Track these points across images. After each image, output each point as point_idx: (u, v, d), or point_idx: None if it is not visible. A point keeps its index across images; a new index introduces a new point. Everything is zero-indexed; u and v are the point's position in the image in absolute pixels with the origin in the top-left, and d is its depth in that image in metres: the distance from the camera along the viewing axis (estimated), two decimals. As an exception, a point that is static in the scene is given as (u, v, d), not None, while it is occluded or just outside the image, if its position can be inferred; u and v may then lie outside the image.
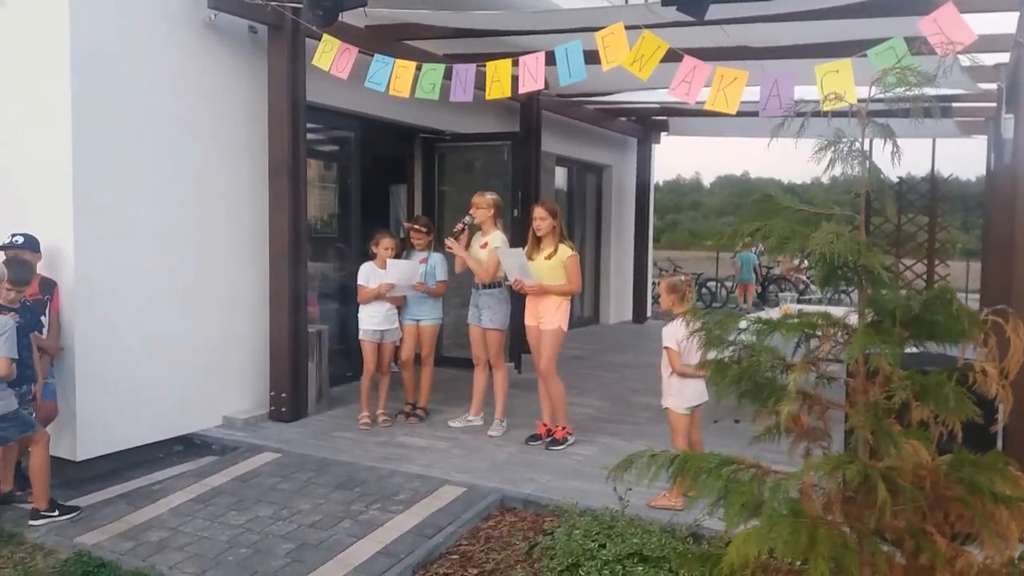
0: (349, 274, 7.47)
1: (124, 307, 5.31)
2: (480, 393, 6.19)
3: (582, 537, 3.81)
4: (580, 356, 9.37)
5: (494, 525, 4.44)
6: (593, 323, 12.37)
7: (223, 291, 6.00)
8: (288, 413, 6.14)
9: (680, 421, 4.57)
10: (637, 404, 6.98)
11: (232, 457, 5.43)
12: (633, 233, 12.90)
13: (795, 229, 2.34)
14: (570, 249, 5.58)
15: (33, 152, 5.16)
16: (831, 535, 2.20)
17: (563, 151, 10.89)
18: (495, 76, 5.10)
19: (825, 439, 2.61)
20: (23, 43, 5.16)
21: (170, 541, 4.18)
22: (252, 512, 4.53)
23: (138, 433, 5.46)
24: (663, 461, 2.52)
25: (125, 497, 4.80)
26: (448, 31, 6.83)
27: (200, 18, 5.69)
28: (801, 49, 6.44)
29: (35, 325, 4.67)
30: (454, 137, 8.62)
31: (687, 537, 3.97)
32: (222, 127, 5.94)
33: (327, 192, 7.66)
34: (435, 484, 4.87)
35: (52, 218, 5.05)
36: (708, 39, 6.02)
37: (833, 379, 2.60)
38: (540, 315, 5.61)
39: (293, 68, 6.00)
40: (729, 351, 2.57)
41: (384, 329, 6.13)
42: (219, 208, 5.95)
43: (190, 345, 5.77)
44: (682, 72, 4.59)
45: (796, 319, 2.54)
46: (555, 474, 5.04)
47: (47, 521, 4.40)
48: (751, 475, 2.49)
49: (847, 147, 2.42)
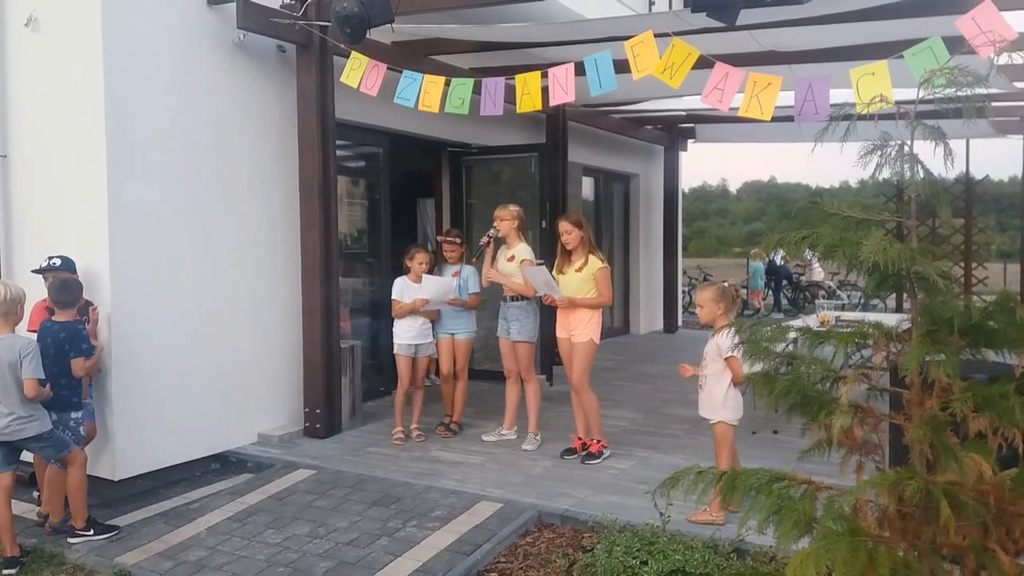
0: (379, 289, 7.49)
1: (159, 327, 5.34)
2: (513, 407, 6.14)
3: (623, 554, 3.74)
4: (611, 367, 9.29)
5: (532, 542, 4.38)
6: (623, 333, 12.28)
7: (256, 308, 6.03)
8: (322, 429, 6.13)
9: (729, 433, 4.47)
10: (671, 416, 6.89)
11: (268, 475, 5.43)
12: (662, 241, 12.81)
13: (843, 236, 2.27)
14: (600, 261, 5.52)
15: (69, 175, 5.22)
16: (892, 554, 2.12)
17: (590, 161, 10.86)
18: (525, 89, 5.08)
19: (878, 453, 2.53)
20: (57, 68, 5.23)
21: (208, 560, 4.17)
22: (289, 530, 4.51)
23: (175, 452, 5.49)
24: (711, 478, 2.44)
25: (163, 516, 4.81)
26: (475, 45, 6.84)
27: (229, 38, 5.74)
28: (833, 52, 6.35)
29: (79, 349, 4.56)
30: (481, 150, 8.62)
31: (730, 553, 3.88)
32: (252, 145, 5.98)
33: (356, 208, 7.68)
34: (471, 500, 4.83)
35: (88, 240, 5.09)
36: (737, 45, 5.96)
37: (885, 390, 2.52)
38: (572, 327, 5.55)
39: (322, 86, 6.03)
40: (775, 362, 2.50)
41: (419, 343, 6.12)
42: (251, 226, 5.98)
43: (224, 363, 5.79)
44: (714, 79, 4.53)
45: (845, 328, 2.46)
46: (592, 489, 4.97)
47: (84, 539, 4.42)
48: (803, 492, 2.41)
49: (894, 150, 2.36)
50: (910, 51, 4.10)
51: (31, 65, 5.35)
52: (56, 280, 4.60)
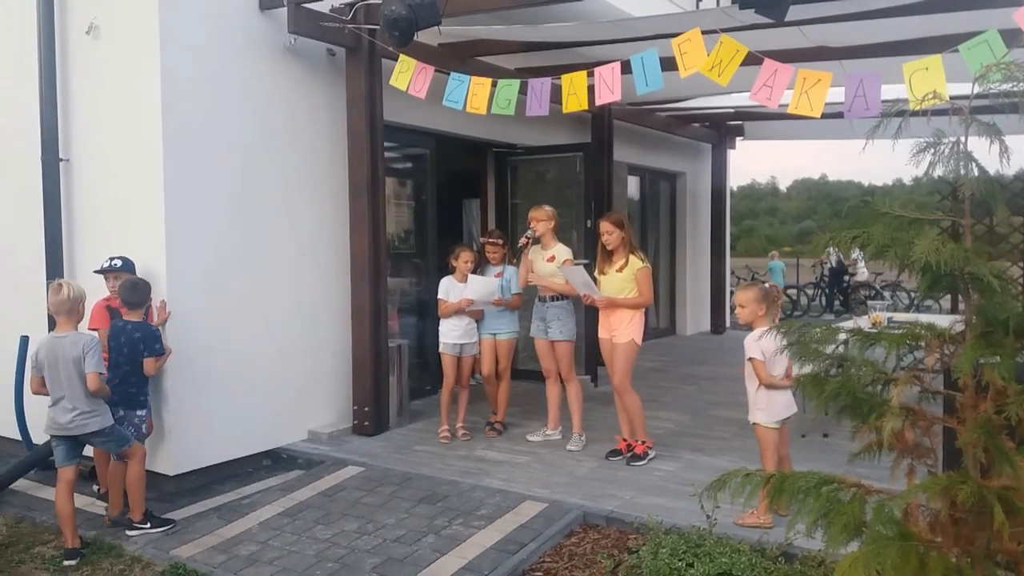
0: (426, 289, 7.56)
1: (214, 326, 5.48)
2: (555, 407, 6.15)
3: (669, 556, 3.72)
4: (657, 368, 9.23)
5: (577, 542, 4.39)
6: (669, 334, 12.18)
7: (306, 308, 6.14)
8: (371, 427, 6.22)
9: (769, 436, 4.42)
10: (718, 418, 6.82)
11: (318, 471, 5.53)
12: (709, 241, 12.67)
13: (895, 236, 2.23)
14: (641, 261, 5.49)
15: (128, 179, 5.38)
16: (943, 559, 2.08)
17: (635, 160, 10.79)
18: (571, 89, 5.08)
19: (931, 457, 2.48)
20: (117, 74, 5.39)
21: (260, 555, 4.27)
22: (338, 526, 4.59)
23: (228, 448, 5.62)
24: (758, 480, 2.42)
25: (217, 511, 4.93)
26: (520, 45, 6.86)
27: (281, 43, 5.86)
28: (885, 47, 6.22)
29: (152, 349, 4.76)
30: (526, 150, 8.64)
31: (778, 557, 3.83)
32: (302, 148, 6.10)
33: (403, 208, 7.77)
34: (516, 499, 4.85)
35: (146, 241, 5.25)
36: (786, 41, 5.88)
37: (938, 393, 2.47)
38: (613, 328, 5.53)
39: (370, 89, 6.11)
40: (825, 364, 2.47)
41: (464, 343, 6.18)
42: (301, 227, 6.09)
43: (276, 362, 5.92)
44: (763, 76, 4.47)
45: (896, 329, 2.42)
46: (638, 490, 4.95)
47: (141, 532, 4.56)
48: (852, 495, 2.38)
49: (948, 147, 2.31)
50: (965, 45, 4.00)
51: (92, 72, 5.53)
52: (127, 281, 4.80)
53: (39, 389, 4.40)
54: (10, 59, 5.94)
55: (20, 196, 5.90)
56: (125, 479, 4.66)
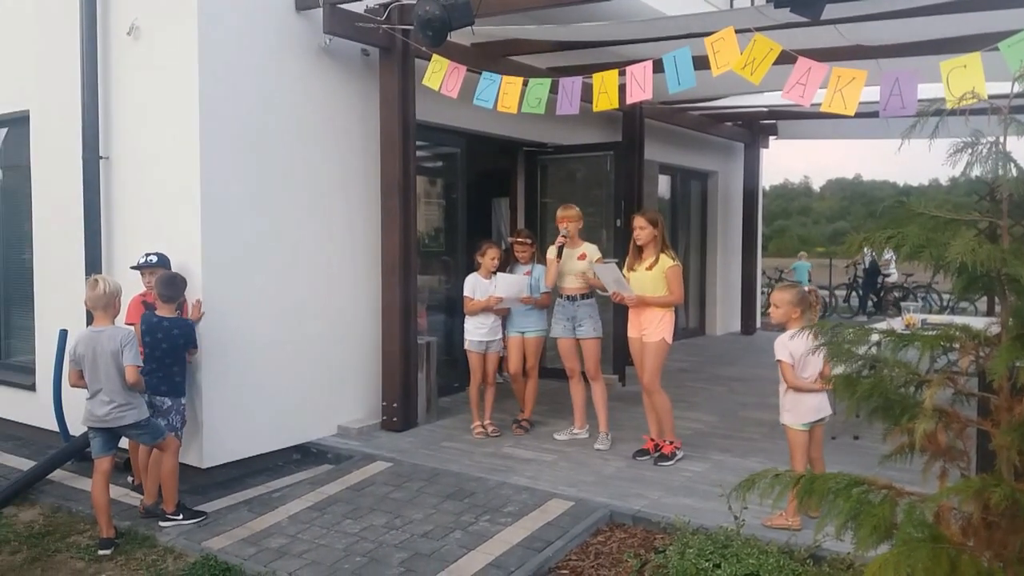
0: (455, 287, 7.60)
1: (246, 322, 5.56)
2: (580, 406, 6.16)
3: (695, 556, 3.71)
4: (686, 368, 9.18)
5: (604, 541, 4.38)
6: (699, 335, 12.10)
7: (337, 305, 6.21)
8: (399, 423, 6.27)
9: (798, 438, 4.38)
10: (748, 419, 6.77)
11: (346, 466, 5.59)
12: (740, 241, 12.57)
13: (930, 236, 2.20)
14: (671, 259, 5.46)
15: (165, 176, 5.47)
16: (975, 562, 2.05)
17: (666, 159, 10.74)
18: (602, 87, 5.07)
19: (964, 459, 2.44)
20: (156, 74, 5.49)
21: (289, 548, 4.32)
22: (366, 521, 4.63)
23: (259, 442, 5.70)
24: (788, 481, 2.40)
25: (247, 504, 5.01)
26: (553, 44, 6.86)
27: (316, 43, 5.92)
28: (921, 46, 6.12)
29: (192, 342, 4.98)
30: (556, 149, 8.64)
31: (806, 559, 3.80)
32: (335, 146, 6.16)
33: (433, 207, 7.81)
34: (542, 497, 4.86)
35: (181, 238, 5.34)
36: (821, 40, 5.81)
37: (972, 395, 2.44)
38: (643, 327, 5.51)
39: (403, 89, 6.16)
40: (857, 364, 2.44)
41: (489, 340, 6.20)
42: (333, 225, 6.16)
43: (306, 357, 5.99)
44: (796, 74, 4.43)
45: (930, 331, 2.39)
46: (665, 490, 4.94)
47: (174, 524, 4.65)
48: (882, 497, 2.35)
49: (986, 147, 2.27)
50: (1005, 42, 3.93)
51: (132, 71, 5.63)
52: (164, 276, 4.90)
53: (77, 382, 4.51)
54: (54, 60, 6.08)
55: (63, 193, 6.03)
56: (158, 474, 4.75)
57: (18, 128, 6.68)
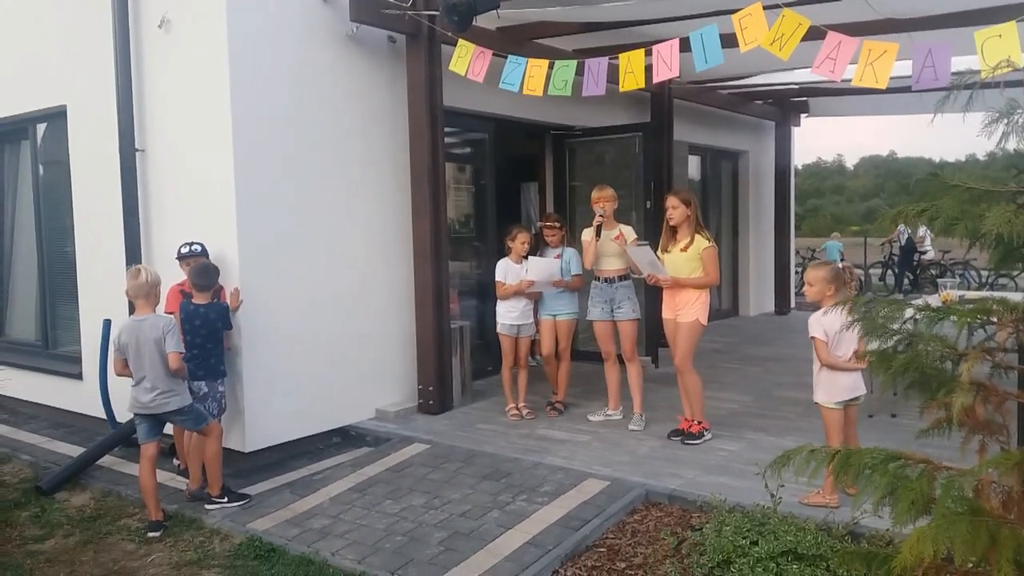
0: (486, 272, 7.64)
1: (285, 308, 5.66)
2: (615, 388, 6.18)
3: (732, 533, 3.73)
4: (720, 349, 9.15)
5: (640, 519, 4.42)
6: (732, 315, 12.04)
7: (372, 291, 6.29)
8: (435, 406, 6.36)
9: (832, 417, 4.37)
10: (783, 399, 6.74)
11: (385, 448, 5.68)
12: (773, 220, 12.44)
13: (965, 209, 2.18)
14: (706, 240, 5.44)
15: (199, 166, 5.58)
16: (1015, 534, 2.05)
17: (696, 139, 10.66)
18: (628, 68, 5.06)
19: (1003, 433, 2.44)
20: (188, 66, 5.59)
21: (331, 528, 4.42)
22: (406, 501, 4.72)
23: (300, 426, 5.82)
24: (823, 457, 2.42)
25: (290, 486, 5.12)
26: (578, 26, 6.83)
27: (343, 31, 5.97)
28: (954, 17, 6.00)
29: (228, 325, 5.14)
30: (584, 132, 8.61)
31: (844, 536, 3.80)
32: (364, 134, 6.21)
33: (463, 193, 7.85)
34: (578, 477, 4.91)
35: (217, 227, 5.45)
36: (852, 14, 5.73)
37: (1011, 368, 2.42)
38: (678, 308, 5.51)
39: (431, 75, 6.19)
40: (893, 340, 2.44)
41: (521, 324, 6.25)
42: (365, 212, 6.23)
43: (344, 343, 6.08)
44: (826, 49, 4.38)
45: (967, 306, 2.38)
46: (700, 469, 4.96)
47: (219, 507, 4.77)
48: (920, 471, 2.36)
49: (1022, 117, 2.25)
50: (1043, 11, 3.85)
51: (164, 64, 5.73)
52: (198, 265, 5.02)
53: (122, 370, 4.63)
54: (88, 54, 6.20)
55: (102, 186, 6.17)
56: (203, 458, 4.87)
57: (56, 123, 6.85)
